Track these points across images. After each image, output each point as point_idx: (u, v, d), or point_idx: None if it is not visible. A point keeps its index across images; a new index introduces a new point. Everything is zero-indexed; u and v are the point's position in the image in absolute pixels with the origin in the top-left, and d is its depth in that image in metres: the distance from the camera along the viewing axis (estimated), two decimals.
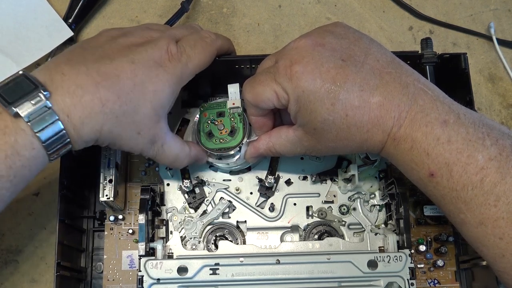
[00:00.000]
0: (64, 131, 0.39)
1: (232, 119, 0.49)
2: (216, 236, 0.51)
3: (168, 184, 0.52)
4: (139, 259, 0.46)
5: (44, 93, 0.38)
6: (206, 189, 0.52)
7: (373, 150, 0.43)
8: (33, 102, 0.38)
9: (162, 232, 0.51)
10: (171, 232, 0.51)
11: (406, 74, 0.42)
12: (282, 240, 0.51)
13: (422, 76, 0.43)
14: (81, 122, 0.39)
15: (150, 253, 0.47)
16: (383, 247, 0.49)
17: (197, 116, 0.51)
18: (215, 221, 0.51)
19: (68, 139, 0.40)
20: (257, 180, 0.52)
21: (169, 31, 0.47)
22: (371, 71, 0.41)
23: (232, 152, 0.48)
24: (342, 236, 0.51)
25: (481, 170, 0.38)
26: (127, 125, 0.42)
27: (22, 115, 0.37)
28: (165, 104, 0.44)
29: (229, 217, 0.52)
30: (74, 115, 0.39)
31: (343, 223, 0.51)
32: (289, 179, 0.53)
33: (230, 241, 0.50)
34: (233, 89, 0.50)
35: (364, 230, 0.51)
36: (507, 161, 0.38)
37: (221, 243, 0.48)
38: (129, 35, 0.45)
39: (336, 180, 0.53)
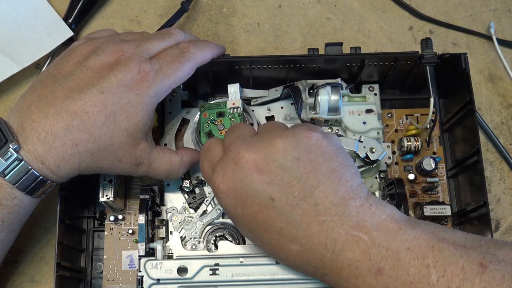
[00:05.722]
0: (41, 177, 0.40)
1: (232, 119, 0.49)
2: (216, 236, 0.51)
3: (168, 184, 0.52)
4: (139, 259, 0.46)
5: (14, 147, 0.39)
6: (206, 189, 0.52)
7: None
8: (4, 158, 0.39)
9: (162, 232, 0.51)
10: (171, 233, 0.51)
11: (344, 221, 0.36)
12: None
13: (372, 210, 0.37)
14: (56, 166, 0.40)
15: (150, 253, 0.47)
16: None
17: (197, 116, 0.51)
18: (215, 221, 0.51)
19: (48, 181, 0.41)
20: None
21: (144, 45, 0.45)
22: (299, 218, 0.37)
23: None
24: None
25: None
26: (105, 157, 0.42)
27: None
28: (142, 126, 0.43)
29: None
30: (48, 161, 0.40)
31: None
32: None
33: (230, 241, 0.50)
34: (233, 89, 0.50)
35: None
36: None
37: (221, 243, 0.48)
38: (100, 52, 0.43)
39: None
